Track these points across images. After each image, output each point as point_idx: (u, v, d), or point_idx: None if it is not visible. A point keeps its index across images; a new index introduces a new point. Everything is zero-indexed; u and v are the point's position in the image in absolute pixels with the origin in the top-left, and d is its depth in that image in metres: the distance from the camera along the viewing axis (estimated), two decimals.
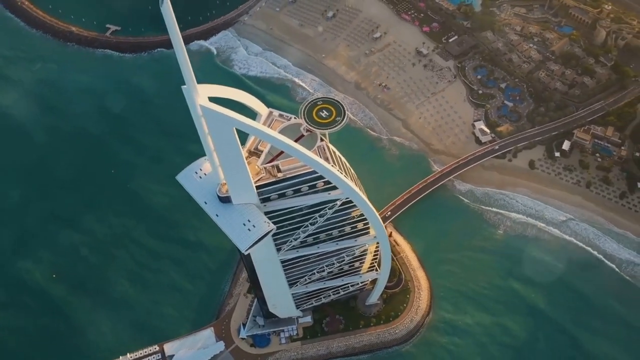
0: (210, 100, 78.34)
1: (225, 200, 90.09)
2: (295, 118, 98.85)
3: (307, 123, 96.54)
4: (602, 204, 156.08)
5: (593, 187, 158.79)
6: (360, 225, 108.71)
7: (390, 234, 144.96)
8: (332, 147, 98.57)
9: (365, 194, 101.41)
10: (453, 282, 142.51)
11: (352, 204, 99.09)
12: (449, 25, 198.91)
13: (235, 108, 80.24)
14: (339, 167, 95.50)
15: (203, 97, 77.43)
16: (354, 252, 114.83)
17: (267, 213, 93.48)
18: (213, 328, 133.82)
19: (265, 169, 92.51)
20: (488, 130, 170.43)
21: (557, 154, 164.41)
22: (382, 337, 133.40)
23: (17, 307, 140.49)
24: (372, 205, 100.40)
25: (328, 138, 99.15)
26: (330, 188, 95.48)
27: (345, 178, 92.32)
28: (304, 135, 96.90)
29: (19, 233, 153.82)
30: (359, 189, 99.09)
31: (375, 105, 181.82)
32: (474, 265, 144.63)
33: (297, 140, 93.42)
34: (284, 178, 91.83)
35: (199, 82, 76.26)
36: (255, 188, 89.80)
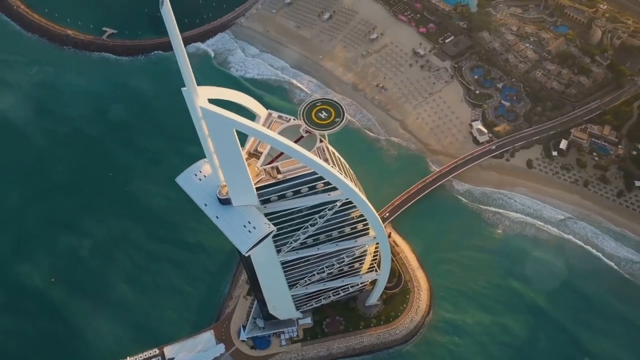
0: (209, 102, 78.34)
1: (225, 202, 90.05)
2: (295, 119, 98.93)
3: (306, 124, 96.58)
4: (599, 203, 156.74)
5: (591, 185, 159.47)
6: (360, 226, 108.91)
7: (390, 235, 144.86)
8: (331, 148, 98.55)
9: (365, 195, 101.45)
10: (452, 281, 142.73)
11: (351, 205, 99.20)
12: (446, 26, 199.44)
13: (234, 110, 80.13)
14: (339, 168, 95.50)
15: (203, 99, 77.45)
16: (354, 253, 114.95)
17: (267, 214, 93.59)
18: (213, 330, 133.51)
19: (265, 171, 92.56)
20: (485, 130, 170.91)
21: (554, 153, 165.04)
22: (382, 337, 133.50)
23: (15, 310, 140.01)
24: (371, 206, 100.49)
25: (327, 139, 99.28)
26: (330, 189, 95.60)
27: (345, 179, 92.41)
28: (304, 137, 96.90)
29: (18, 236, 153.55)
30: (359, 190, 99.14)
31: (373, 106, 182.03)
32: (473, 265, 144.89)
33: (296, 142, 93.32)
34: (284, 179, 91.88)
35: (197, 84, 76.22)
36: (255, 189, 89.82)
